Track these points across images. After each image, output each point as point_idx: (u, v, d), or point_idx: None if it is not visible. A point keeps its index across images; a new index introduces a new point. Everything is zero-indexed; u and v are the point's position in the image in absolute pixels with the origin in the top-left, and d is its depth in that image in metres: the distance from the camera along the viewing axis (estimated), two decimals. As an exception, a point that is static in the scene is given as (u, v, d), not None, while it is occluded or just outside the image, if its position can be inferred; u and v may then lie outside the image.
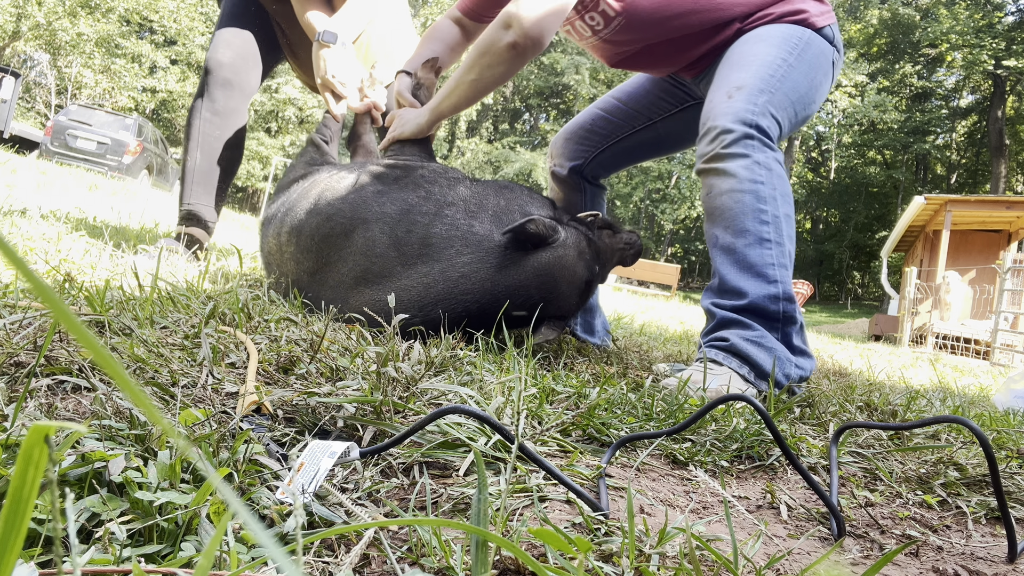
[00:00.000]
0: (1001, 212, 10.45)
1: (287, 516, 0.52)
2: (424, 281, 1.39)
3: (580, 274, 1.50)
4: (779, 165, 1.45)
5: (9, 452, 0.52)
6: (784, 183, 1.44)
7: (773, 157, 1.44)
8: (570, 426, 0.89)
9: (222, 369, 0.92)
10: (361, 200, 1.49)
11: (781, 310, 1.37)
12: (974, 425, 0.67)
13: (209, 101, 2.12)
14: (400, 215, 1.44)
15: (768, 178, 1.40)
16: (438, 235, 1.41)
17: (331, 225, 1.49)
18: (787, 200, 1.44)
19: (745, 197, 1.40)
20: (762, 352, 1.34)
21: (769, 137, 1.45)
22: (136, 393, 0.17)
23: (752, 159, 1.41)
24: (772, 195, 1.40)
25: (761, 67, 1.49)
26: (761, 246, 1.38)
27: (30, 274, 0.17)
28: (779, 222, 1.40)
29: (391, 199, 1.47)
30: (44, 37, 21.14)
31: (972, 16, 23.09)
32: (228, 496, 0.17)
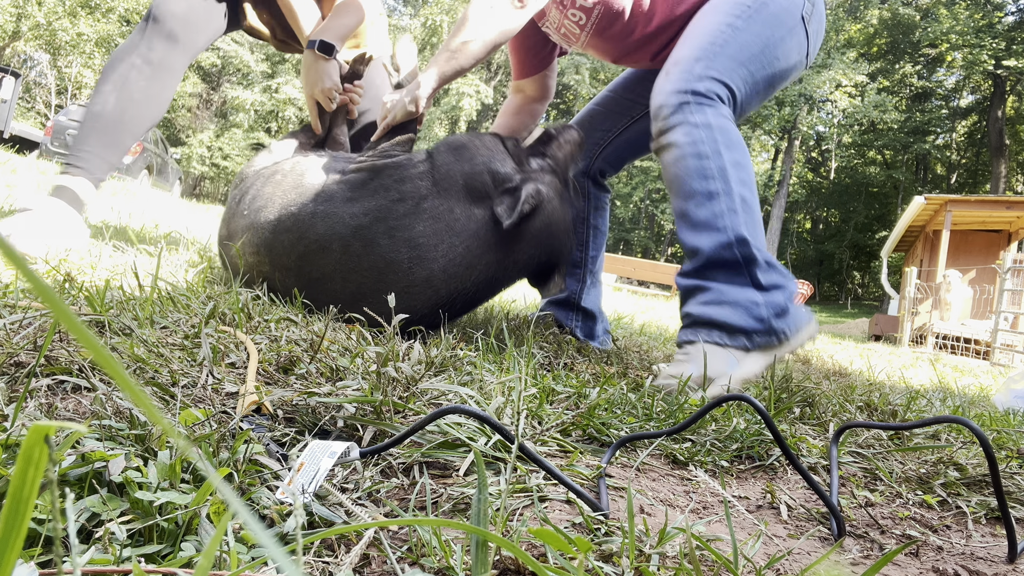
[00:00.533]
0: (1001, 212, 10.45)
1: (287, 516, 0.52)
2: (430, 283, 1.39)
3: (569, 215, 1.53)
4: (722, 118, 1.41)
5: (9, 452, 0.52)
6: (727, 134, 1.40)
7: (713, 113, 1.40)
8: (570, 426, 0.89)
9: (222, 369, 0.92)
10: (331, 213, 1.44)
11: (738, 255, 1.33)
12: (974, 425, 0.67)
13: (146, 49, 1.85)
14: (375, 223, 1.40)
15: (708, 135, 1.38)
16: (423, 233, 1.39)
17: (305, 244, 1.44)
18: (732, 148, 1.39)
19: (688, 161, 1.39)
20: (724, 309, 1.31)
21: (708, 98, 1.42)
22: (136, 393, 0.17)
23: (688, 123, 1.39)
24: (715, 149, 1.37)
25: (700, 37, 1.47)
26: (709, 200, 1.36)
27: (30, 274, 0.17)
28: (725, 172, 1.36)
29: (363, 208, 1.43)
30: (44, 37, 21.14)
31: (972, 16, 23.09)
32: (228, 496, 0.17)
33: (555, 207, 1.49)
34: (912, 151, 26.32)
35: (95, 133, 1.81)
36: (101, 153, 1.82)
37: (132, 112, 1.83)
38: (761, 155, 31.81)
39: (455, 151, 1.51)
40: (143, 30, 1.87)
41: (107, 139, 1.82)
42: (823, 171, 30.63)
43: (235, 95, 25.38)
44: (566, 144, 1.64)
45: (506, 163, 1.50)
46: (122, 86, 1.81)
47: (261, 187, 1.60)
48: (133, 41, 1.87)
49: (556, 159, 1.60)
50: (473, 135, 1.57)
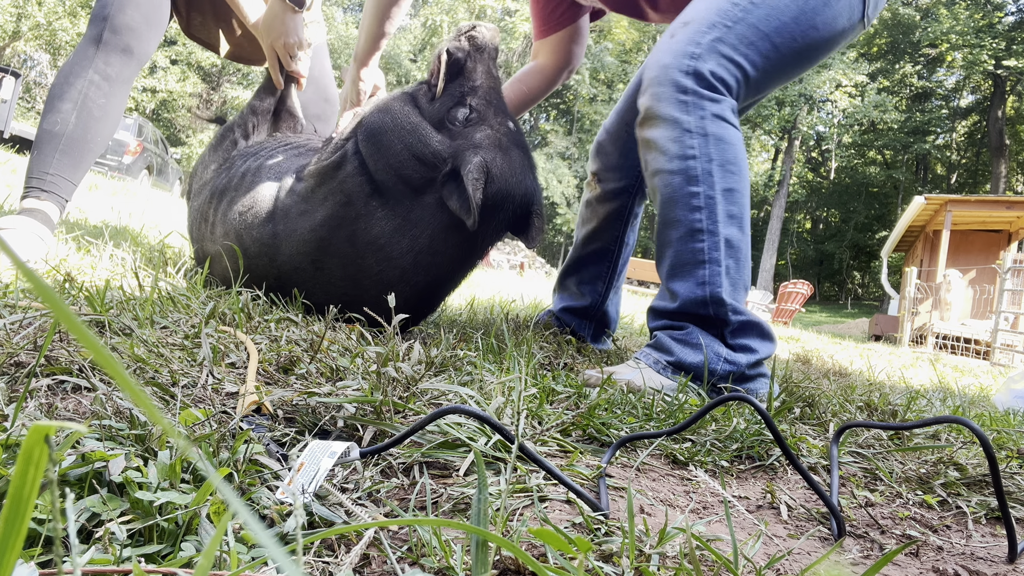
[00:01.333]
0: (1001, 212, 10.46)
1: (287, 516, 0.52)
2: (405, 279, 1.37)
3: (519, 161, 1.38)
4: (720, 122, 1.23)
5: (9, 452, 0.52)
6: (725, 148, 1.23)
7: (711, 114, 1.22)
8: (570, 426, 0.89)
9: (222, 369, 0.92)
10: (292, 231, 1.41)
11: (712, 314, 1.25)
12: (975, 426, 0.67)
13: (103, 64, 1.76)
14: (334, 233, 1.38)
15: (702, 148, 1.21)
16: (383, 233, 1.36)
17: (278, 267, 1.43)
18: (728, 171, 1.23)
19: (675, 180, 1.23)
20: (684, 347, 1.25)
21: (713, 87, 1.23)
22: (136, 393, 0.17)
23: (682, 126, 1.22)
24: (707, 170, 1.21)
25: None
26: (692, 239, 1.24)
27: (31, 274, 0.17)
28: (713, 204, 1.22)
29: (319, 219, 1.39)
30: (44, 37, 21.14)
31: (972, 16, 23.09)
32: (228, 496, 0.17)
33: (501, 165, 1.33)
34: (912, 151, 26.32)
35: (59, 154, 1.73)
36: (68, 175, 1.75)
37: (94, 130, 1.77)
38: (761, 155, 31.81)
39: (373, 141, 1.39)
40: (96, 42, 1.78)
41: (72, 160, 1.75)
42: (823, 171, 30.64)
43: (235, 95, 25.39)
44: (480, 58, 1.42)
45: (428, 138, 1.35)
46: (82, 104, 1.74)
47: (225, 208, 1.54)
48: (86, 55, 1.78)
49: (479, 90, 1.40)
50: (382, 108, 1.41)
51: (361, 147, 1.39)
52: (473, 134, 1.35)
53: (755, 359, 1.27)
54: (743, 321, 1.27)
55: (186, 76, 25.90)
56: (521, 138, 1.43)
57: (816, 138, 29.55)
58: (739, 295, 1.28)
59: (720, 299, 1.24)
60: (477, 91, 1.40)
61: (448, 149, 1.34)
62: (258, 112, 1.92)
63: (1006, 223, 11.14)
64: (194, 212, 1.72)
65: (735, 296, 1.26)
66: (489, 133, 1.36)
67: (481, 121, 1.38)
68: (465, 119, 1.37)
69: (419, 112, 1.40)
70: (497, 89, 1.44)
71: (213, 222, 1.57)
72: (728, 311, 1.25)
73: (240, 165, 1.64)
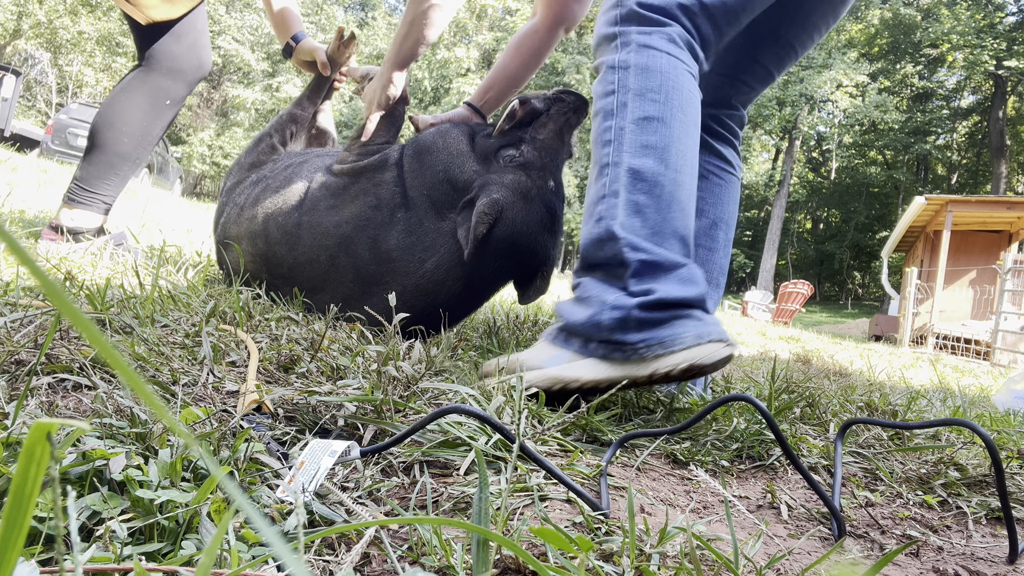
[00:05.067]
0: (1002, 213, 10.45)
1: (288, 515, 0.52)
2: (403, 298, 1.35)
3: (539, 216, 1.36)
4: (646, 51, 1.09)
5: (10, 450, 0.52)
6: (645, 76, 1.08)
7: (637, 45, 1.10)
8: (570, 426, 0.89)
9: (223, 368, 0.92)
10: (316, 224, 1.43)
11: (608, 254, 1.03)
12: (981, 430, 0.67)
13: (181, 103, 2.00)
14: (357, 232, 1.39)
15: (621, 81, 1.09)
16: (397, 247, 1.37)
17: (295, 256, 1.45)
18: (647, 99, 1.07)
19: (595, 120, 1.13)
20: (575, 307, 1.05)
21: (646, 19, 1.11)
22: (140, 387, 0.17)
23: (606, 65, 1.13)
24: (622, 102, 1.08)
25: None
26: (599, 177, 1.08)
27: (37, 270, 0.17)
28: (622, 135, 1.07)
29: (345, 216, 1.41)
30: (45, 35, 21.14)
31: (973, 16, 23.07)
32: (232, 491, 0.17)
33: (518, 212, 1.33)
34: (913, 151, 26.31)
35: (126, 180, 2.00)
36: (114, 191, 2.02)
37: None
38: (762, 155, 31.80)
39: (419, 156, 1.43)
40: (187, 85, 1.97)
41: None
42: (824, 171, 30.63)
43: (236, 94, 25.38)
44: (557, 119, 1.43)
45: (466, 167, 1.37)
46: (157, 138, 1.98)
47: (259, 194, 1.59)
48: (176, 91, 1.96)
49: (538, 142, 1.41)
50: (439, 132, 1.45)
51: (406, 160, 1.43)
52: (506, 174, 1.36)
53: (651, 299, 0.97)
54: (647, 261, 1.00)
55: (187, 75, 25.86)
56: (554, 200, 1.39)
57: (817, 138, 29.55)
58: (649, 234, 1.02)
59: (612, 234, 1.02)
60: (535, 142, 1.41)
61: (479, 180, 1.35)
62: (297, 120, 1.94)
63: (1007, 224, 11.13)
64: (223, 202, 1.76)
65: (640, 233, 1.02)
66: (522, 179, 1.36)
67: (522, 167, 1.37)
68: (510, 160, 1.38)
69: (471, 143, 1.42)
70: (558, 151, 1.43)
71: (243, 205, 1.61)
72: (623, 247, 1.00)
73: (285, 160, 1.68)
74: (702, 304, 1.00)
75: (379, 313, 1.34)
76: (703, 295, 1.01)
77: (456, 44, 26.19)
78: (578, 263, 1.10)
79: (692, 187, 1.08)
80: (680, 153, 1.06)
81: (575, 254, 30.14)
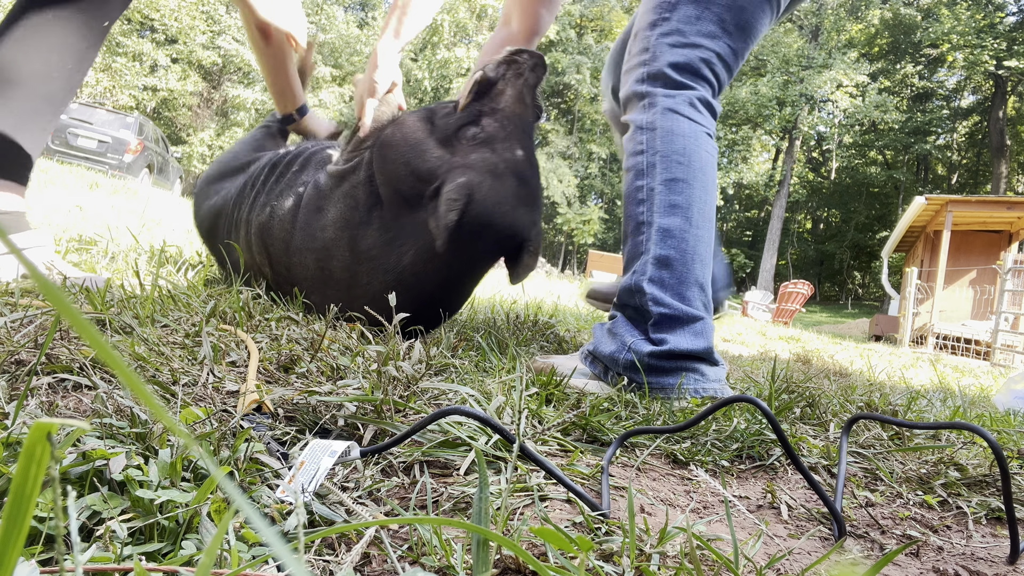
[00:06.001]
0: (1002, 213, 10.45)
1: (288, 515, 0.52)
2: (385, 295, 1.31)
3: (512, 191, 1.32)
4: (671, 115, 1.22)
5: (11, 450, 0.52)
6: (671, 139, 1.22)
7: (662, 108, 1.22)
8: (571, 426, 0.89)
9: (223, 368, 0.92)
10: (306, 224, 1.44)
11: (637, 303, 1.22)
12: (988, 435, 0.67)
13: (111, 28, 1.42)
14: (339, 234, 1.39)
15: (649, 142, 1.22)
16: (375, 244, 1.35)
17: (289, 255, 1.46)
18: (673, 161, 1.21)
19: (628, 177, 1.27)
20: (605, 337, 1.26)
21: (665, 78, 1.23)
22: (140, 388, 0.17)
23: (635, 125, 1.25)
24: (651, 163, 1.22)
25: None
26: (637, 232, 1.24)
27: (36, 271, 0.17)
28: (652, 195, 1.22)
29: (329, 218, 1.41)
30: (45, 35, 21.09)
31: (973, 16, 23.07)
32: (232, 492, 0.17)
33: (487, 191, 1.28)
34: (913, 151, 26.32)
35: None
36: None
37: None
38: (762, 155, 31.80)
39: (381, 152, 1.38)
40: None
41: None
42: (824, 171, 30.62)
43: (236, 94, 25.38)
44: (514, 83, 1.38)
45: (427, 155, 1.32)
46: None
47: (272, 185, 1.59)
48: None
49: (498, 112, 1.37)
50: (397, 123, 1.40)
51: (374, 158, 1.39)
52: (470, 154, 1.31)
53: (662, 350, 1.16)
54: (665, 315, 1.19)
55: (187, 75, 25.89)
56: (527, 170, 1.36)
57: (817, 138, 29.54)
58: (675, 284, 1.20)
59: (640, 288, 1.20)
60: (496, 113, 1.36)
61: (443, 166, 1.30)
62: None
63: (1007, 224, 11.13)
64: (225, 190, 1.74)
65: (666, 284, 1.20)
66: (487, 156, 1.31)
67: (486, 143, 1.33)
68: (472, 138, 1.33)
69: (430, 127, 1.36)
70: (523, 117, 1.38)
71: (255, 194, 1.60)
72: (648, 300, 1.19)
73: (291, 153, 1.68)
74: (709, 356, 1.20)
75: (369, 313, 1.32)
76: (710, 347, 1.20)
77: (456, 44, 26.19)
78: (616, 299, 1.28)
79: (710, 239, 1.25)
80: (701, 211, 1.23)
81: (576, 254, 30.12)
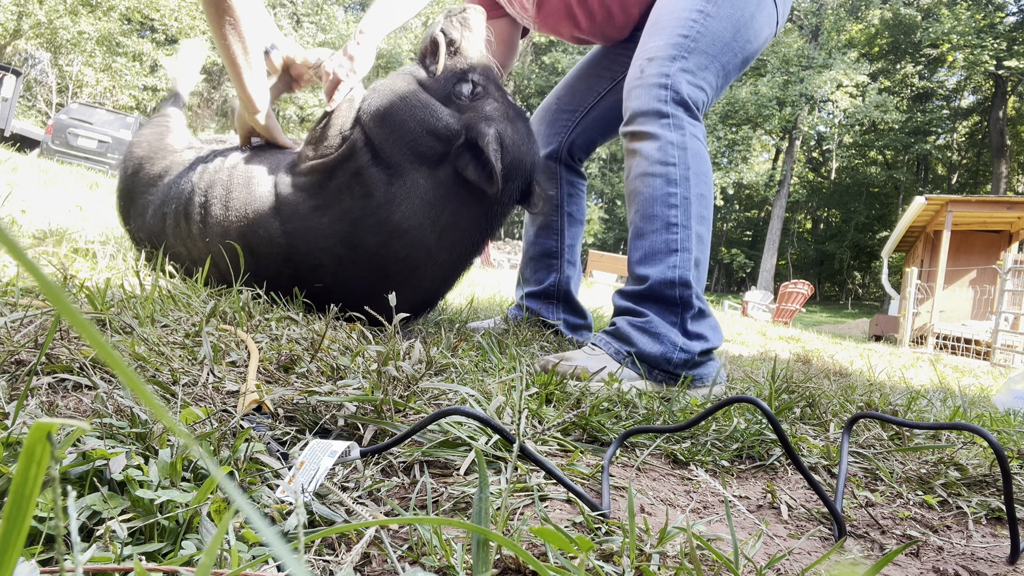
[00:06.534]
0: (1002, 213, 10.44)
1: (288, 515, 0.52)
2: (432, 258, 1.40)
3: (525, 132, 1.45)
4: (697, 140, 1.40)
5: (11, 450, 0.52)
6: (700, 161, 1.39)
7: (690, 133, 1.39)
8: (571, 425, 0.89)
9: (223, 368, 0.92)
10: (308, 228, 1.38)
11: (677, 295, 1.34)
12: (990, 435, 0.67)
13: None
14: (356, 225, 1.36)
15: (681, 158, 1.37)
16: (405, 217, 1.36)
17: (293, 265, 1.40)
18: (701, 179, 1.39)
19: (656, 181, 1.37)
20: (644, 336, 1.33)
21: (687, 107, 1.40)
22: (140, 388, 0.17)
23: (665, 139, 1.38)
24: (684, 176, 1.37)
25: (674, 28, 1.42)
26: (667, 231, 1.36)
27: (36, 271, 0.17)
28: (688, 204, 1.37)
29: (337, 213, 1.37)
30: (45, 35, 21.13)
31: (973, 16, 23.05)
32: (232, 491, 0.17)
33: (510, 136, 1.41)
34: (913, 151, 26.30)
35: None
36: None
37: None
38: (762, 155, 31.79)
39: (383, 122, 1.40)
40: None
41: None
42: (824, 171, 30.61)
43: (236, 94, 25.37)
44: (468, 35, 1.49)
45: (438, 113, 1.40)
46: None
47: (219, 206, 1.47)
48: None
49: (477, 67, 1.46)
50: (390, 92, 1.43)
51: (371, 133, 1.40)
52: (483, 107, 1.41)
53: (706, 347, 1.36)
54: (703, 309, 1.38)
55: (187, 75, 25.84)
56: (520, 110, 1.50)
57: (817, 138, 29.53)
58: (700, 285, 1.39)
59: (687, 282, 1.34)
60: (476, 68, 1.45)
61: (460, 122, 1.39)
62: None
63: (1007, 224, 11.13)
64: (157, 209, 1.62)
65: (699, 283, 1.38)
66: (497, 106, 1.43)
67: (487, 95, 1.43)
68: (471, 93, 1.43)
69: (426, 90, 1.43)
70: (492, 66, 1.49)
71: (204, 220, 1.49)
72: (693, 295, 1.35)
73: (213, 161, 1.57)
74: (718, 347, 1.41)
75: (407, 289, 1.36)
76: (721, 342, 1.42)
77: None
78: (634, 289, 1.38)
79: None
80: (711, 222, 1.43)
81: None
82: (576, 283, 1.95)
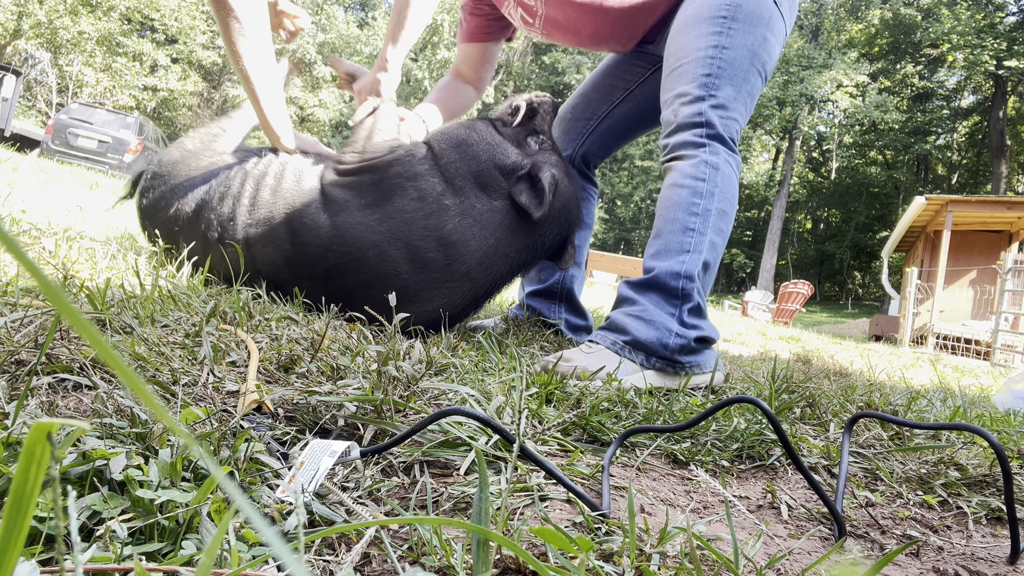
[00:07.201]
0: (1002, 213, 10.44)
1: (288, 515, 0.52)
2: (469, 277, 1.47)
3: (577, 190, 1.65)
4: (730, 167, 1.47)
5: (11, 450, 0.52)
6: (729, 183, 1.46)
7: (725, 160, 1.46)
8: (571, 425, 0.89)
9: (223, 368, 0.92)
10: (357, 223, 1.45)
11: (680, 287, 1.38)
12: (990, 435, 0.67)
13: None
14: (405, 226, 1.44)
15: (711, 176, 1.44)
16: (455, 230, 1.45)
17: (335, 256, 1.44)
18: (726, 198, 1.45)
19: (683, 191, 1.44)
20: (638, 323, 1.36)
21: (723, 141, 1.47)
22: (140, 388, 0.17)
23: (700, 159, 1.45)
24: (711, 191, 1.43)
25: (696, 70, 1.49)
26: (684, 234, 1.42)
27: (36, 271, 0.17)
28: (708, 215, 1.43)
29: (388, 211, 1.45)
30: (45, 35, 21.13)
31: (973, 16, 23.05)
32: (232, 491, 0.17)
33: (567, 184, 1.59)
34: (913, 151, 26.29)
35: None
36: None
37: None
38: (762, 155, 31.79)
39: (457, 147, 1.55)
40: None
41: None
42: (824, 171, 30.61)
43: (236, 94, 25.37)
44: (547, 114, 1.74)
45: (508, 152, 1.58)
46: None
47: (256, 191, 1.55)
48: None
49: (546, 132, 1.69)
50: (468, 126, 1.62)
51: (443, 153, 1.55)
52: (548, 156, 1.62)
53: (702, 335, 1.40)
54: (701, 306, 1.42)
55: (187, 75, 25.89)
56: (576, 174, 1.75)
57: (817, 138, 29.53)
58: (705, 287, 1.45)
59: (692, 276, 1.40)
60: (545, 132, 1.71)
61: (526, 161, 1.58)
62: None
63: (1007, 224, 11.12)
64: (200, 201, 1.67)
65: (703, 283, 1.44)
66: (558, 160, 1.64)
67: (552, 150, 1.67)
68: (539, 145, 1.67)
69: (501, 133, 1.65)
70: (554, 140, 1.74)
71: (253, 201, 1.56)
72: (695, 290, 1.40)
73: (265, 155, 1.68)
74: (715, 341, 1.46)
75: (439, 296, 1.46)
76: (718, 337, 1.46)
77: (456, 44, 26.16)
78: (638, 279, 1.43)
79: None
80: (727, 237, 1.50)
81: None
82: (580, 284, 1.97)
